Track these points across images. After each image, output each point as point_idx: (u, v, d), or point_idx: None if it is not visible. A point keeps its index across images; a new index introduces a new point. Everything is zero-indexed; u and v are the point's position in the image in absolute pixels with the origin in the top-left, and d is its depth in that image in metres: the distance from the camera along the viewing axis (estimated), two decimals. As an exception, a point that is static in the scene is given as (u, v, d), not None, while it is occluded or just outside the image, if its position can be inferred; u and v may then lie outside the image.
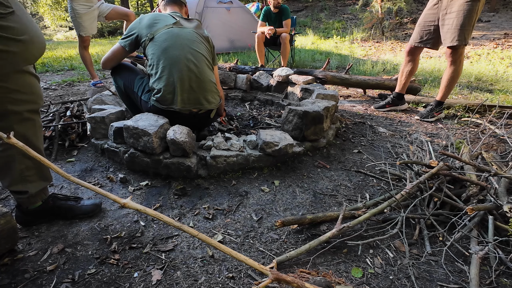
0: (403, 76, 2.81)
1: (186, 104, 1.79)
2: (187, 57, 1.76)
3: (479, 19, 8.27)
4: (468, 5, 2.24)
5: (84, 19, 3.24)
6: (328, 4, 11.78)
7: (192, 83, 1.77)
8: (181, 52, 1.75)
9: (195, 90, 1.79)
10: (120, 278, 1.09)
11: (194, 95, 1.80)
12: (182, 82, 1.74)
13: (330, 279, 1.03)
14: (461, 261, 1.16)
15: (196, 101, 1.81)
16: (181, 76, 1.74)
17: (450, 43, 2.34)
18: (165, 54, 1.74)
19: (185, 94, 1.77)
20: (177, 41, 1.76)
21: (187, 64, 1.75)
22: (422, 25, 2.57)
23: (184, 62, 1.75)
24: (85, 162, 1.91)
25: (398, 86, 2.90)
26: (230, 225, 1.37)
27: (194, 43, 1.82)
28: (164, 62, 1.74)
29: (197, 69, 1.79)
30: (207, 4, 6.16)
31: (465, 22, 2.26)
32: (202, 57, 1.84)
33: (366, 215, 1.28)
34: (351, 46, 7.20)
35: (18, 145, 0.67)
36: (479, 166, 1.40)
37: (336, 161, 1.95)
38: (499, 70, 4.33)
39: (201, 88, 1.81)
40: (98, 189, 0.69)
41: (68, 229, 1.33)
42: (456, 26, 2.29)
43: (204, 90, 1.83)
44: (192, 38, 1.83)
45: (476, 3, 2.23)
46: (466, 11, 2.25)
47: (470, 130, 2.36)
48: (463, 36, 2.29)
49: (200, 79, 1.80)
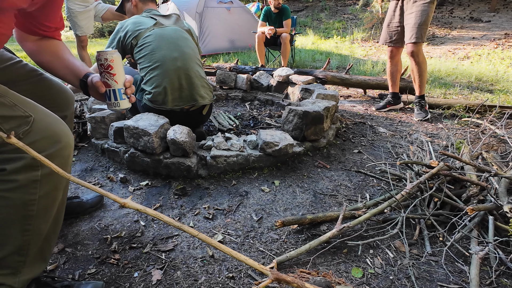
0: (390, 77, 2.94)
1: (178, 103, 1.83)
2: (173, 55, 1.79)
3: (479, 19, 8.27)
4: (425, 6, 2.49)
5: (80, 18, 3.25)
6: (329, 4, 11.78)
7: (182, 81, 1.81)
8: (166, 52, 1.78)
9: (186, 87, 1.83)
10: (120, 278, 1.09)
11: (186, 93, 1.83)
12: (171, 82, 1.78)
13: (330, 279, 1.03)
14: (461, 261, 1.16)
15: (188, 98, 1.84)
16: (170, 76, 1.77)
17: (409, 40, 2.57)
18: (151, 56, 1.78)
19: (176, 93, 1.81)
20: (161, 42, 1.79)
21: (174, 63, 1.78)
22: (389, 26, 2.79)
23: (171, 61, 1.77)
24: (86, 161, 1.91)
25: (390, 87, 3.00)
26: (230, 225, 1.37)
27: (178, 40, 1.84)
28: (151, 65, 1.78)
29: (185, 67, 1.81)
30: (207, 4, 6.16)
31: (422, 21, 2.49)
32: (188, 54, 1.86)
33: (366, 215, 1.28)
34: (352, 46, 7.20)
35: (18, 144, 0.67)
36: (479, 166, 1.40)
37: (336, 161, 1.95)
38: (500, 70, 4.33)
39: (192, 84, 1.84)
40: (98, 189, 0.69)
41: (68, 229, 1.33)
42: (415, 25, 2.52)
43: (195, 86, 1.86)
44: (176, 35, 1.85)
45: (431, 4, 2.49)
46: (424, 11, 2.49)
47: (470, 130, 2.36)
48: (420, 33, 2.52)
49: (190, 75, 1.83)
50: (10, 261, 0.79)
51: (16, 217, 0.77)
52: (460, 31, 7.68)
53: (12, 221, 0.77)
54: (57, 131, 0.82)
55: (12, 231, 0.78)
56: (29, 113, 0.77)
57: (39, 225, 0.81)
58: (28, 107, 0.78)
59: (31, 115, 0.77)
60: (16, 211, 0.77)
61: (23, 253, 0.80)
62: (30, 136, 0.76)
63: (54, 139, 0.80)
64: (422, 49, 2.62)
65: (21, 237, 0.79)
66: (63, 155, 0.83)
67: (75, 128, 2.18)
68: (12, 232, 0.78)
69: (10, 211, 0.76)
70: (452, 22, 8.43)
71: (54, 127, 0.81)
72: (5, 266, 0.79)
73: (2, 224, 0.77)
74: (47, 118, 0.81)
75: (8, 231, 0.78)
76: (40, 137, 0.77)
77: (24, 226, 0.78)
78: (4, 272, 0.79)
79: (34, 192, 0.77)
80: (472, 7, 9.37)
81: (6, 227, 0.77)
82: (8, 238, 0.78)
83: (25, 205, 0.77)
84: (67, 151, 0.84)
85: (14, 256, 0.79)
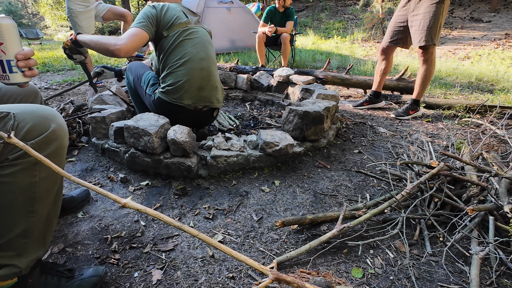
0: (378, 75, 2.90)
1: (195, 101, 1.83)
2: (202, 56, 1.81)
3: (480, 19, 8.26)
4: (434, 7, 2.34)
5: (80, 18, 3.25)
6: (329, 4, 11.78)
7: (203, 83, 1.83)
8: (195, 51, 1.79)
9: (206, 88, 1.85)
10: (121, 277, 1.09)
11: (205, 93, 1.85)
12: (194, 80, 1.79)
13: (331, 279, 1.03)
14: (462, 262, 1.16)
15: (206, 99, 1.86)
16: (194, 74, 1.78)
17: (418, 44, 2.46)
18: (180, 51, 1.76)
19: (195, 91, 1.81)
20: (194, 40, 1.80)
21: (200, 63, 1.79)
22: (393, 26, 2.70)
23: (198, 61, 1.79)
24: (86, 161, 1.91)
25: (374, 85, 2.98)
26: (231, 225, 1.37)
27: (206, 43, 1.88)
28: (179, 59, 1.77)
29: (209, 69, 1.85)
30: (207, 4, 6.17)
31: (431, 23, 2.36)
32: (212, 58, 1.91)
33: (367, 215, 1.28)
34: (352, 46, 7.20)
35: (19, 144, 0.67)
36: (479, 166, 1.40)
37: (337, 161, 1.95)
38: (500, 70, 4.32)
39: (212, 87, 1.88)
40: (98, 189, 0.69)
41: (68, 229, 1.33)
42: (423, 27, 2.40)
43: (214, 90, 1.89)
44: (207, 39, 1.90)
45: (441, 5, 2.33)
46: (432, 13, 2.35)
47: (470, 131, 2.36)
48: (429, 36, 2.39)
49: (211, 78, 1.87)
50: (15, 243, 0.84)
51: (21, 200, 0.82)
52: (461, 31, 7.68)
53: (18, 204, 0.82)
54: (44, 114, 0.83)
55: (17, 214, 0.82)
56: (5, 111, 0.78)
57: (41, 206, 0.86)
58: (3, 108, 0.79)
59: (9, 111, 0.78)
60: (21, 194, 0.81)
61: (27, 234, 0.85)
62: (21, 127, 0.77)
63: (46, 122, 0.82)
64: (433, 52, 2.49)
65: (26, 219, 0.84)
66: (60, 135, 0.85)
67: (75, 128, 2.18)
68: (17, 215, 0.83)
69: (15, 196, 0.81)
70: (453, 22, 8.43)
71: (39, 112, 0.82)
72: (12, 248, 0.84)
73: (9, 208, 0.81)
74: (27, 108, 0.82)
75: (14, 215, 0.82)
76: (31, 124, 0.79)
77: (28, 208, 0.83)
78: (10, 253, 0.84)
79: (35, 174, 0.81)
80: (472, 7, 9.36)
81: (12, 211, 0.82)
82: (14, 221, 0.83)
83: (28, 187, 0.81)
84: (63, 131, 0.86)
85: (19, 238, 0.84)
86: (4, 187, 0.79)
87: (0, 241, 0.83)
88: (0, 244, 0.83)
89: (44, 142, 0.80)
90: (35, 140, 0.79)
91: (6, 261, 0.83)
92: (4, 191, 0.80)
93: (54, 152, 0.84)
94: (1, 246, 0.83)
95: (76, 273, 1.01)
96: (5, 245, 0.83)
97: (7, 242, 0.83)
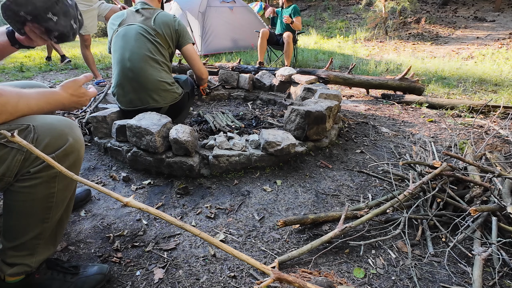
0: None
1: (126, 105, 1.90)
2: (125, 56, 1.80)
3: (484, 19, 8.20)
4: None
5: (83, 17, 3.26)
6: (331, 4, 11.74)
7: (133, 84, 1.83)
8: (121, 52, 1.81)
9: (137, 90, 1.85)
10: (123, 276, 1.10)
11: (137, 95, 1.86)
12: (123, 84, 1.84)
13: (332, 279, 1.03)
14: (464, 262, 1.16)
15: (140, 100, 1.88)
16: (122, 78, 1.82)
17: None
18: (113, 57, 1.85)
19: (130, 94, 1.86)
20: (120, 43, 1.83)
21: (126, 65, 1.80)
22: None
23: (124, 63, 1.80)
24: (89, 160, 1.92)
25: None
26: (232, 225, 1.37)
27: (137, 42, 1.80)
28: (113, 65, 1.86)
29: (135, 69, 1.80)
30: (210, 3, 6.16)
31: None
32: (142, 56, 1.79)
33: (369, 215, 1.28)
34: (354, 45, 7.18)
35: (22, 143, 0.68)
36: (482, 167, 1.39)
37: (339, 161, 1.95)
38: (504, 70, 4.29)
39: (143, 87, 1.85)
40: (101, 188, 0.69)
41: (71, 227, 1.34)
42: None
43: (147, 90, 1.86)
44: (135, 36, 1.80)
45: None
46: None
47: (474, 131, 2.35)
48: None
49: (141, 78, 1.81)
50: (29, 245, 0.89)
51: (38, 209, 0.86)
52: (464, 31, 7.63)
53: (35, 212, 0.86)
54: (62, 128, 0.86)
55: (34, 220, 0.87)
56: (26, 124, 0.81)
57: (56, 213, 0.91)
58: (23, 120, 0.83)
59: (29, 124, 0.82)
60: (39, 203, 0.86)
61: (40, 237, 0.90)
62: (40, 140, 0.81)
63: (63, 136, 0.85)
64: None
65: (41, 225, 0.89)
66: (77, 148, 0.89)
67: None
68: (33, 221, 0.87)
69: (33, 204, 0.85)
70: (456, 22, 8.38)
71: (57, 126, 0.86)
72: (25, 248, 0.89)
73: (26, 215, 0.86)
74: (46, 120, 0.85)
75: (31, 221, 0.87)
76: (49, 138, 0.83)
77: (45, 215, 0.88)
78: (23, 253, 0.89)
79: (53, 186, 0.86)
80: (476, 6, 9.30)
81: (29, 218, 0.87)
82: (30, 226, 0.88)
83: (46, 198, 0.86)
84: (79, 143, 0.90)
85: (33, 240, 0.89)
86: (23, 197, 0.83)
87: (14, 243, 0.88)
88: (15, 245, 0.88)
89: (63, 155, 0.85)
90: (56, 153, 0.83)
91: (18, 260, 0.89)
92: (23, 200, 0.84)
93: (73, 164, 0.88)
94: (15, 247, 0.88)
95: (81, 270, 1.04)
96: (19, 246, 0.88)
97: (21, 244, 0.88)
